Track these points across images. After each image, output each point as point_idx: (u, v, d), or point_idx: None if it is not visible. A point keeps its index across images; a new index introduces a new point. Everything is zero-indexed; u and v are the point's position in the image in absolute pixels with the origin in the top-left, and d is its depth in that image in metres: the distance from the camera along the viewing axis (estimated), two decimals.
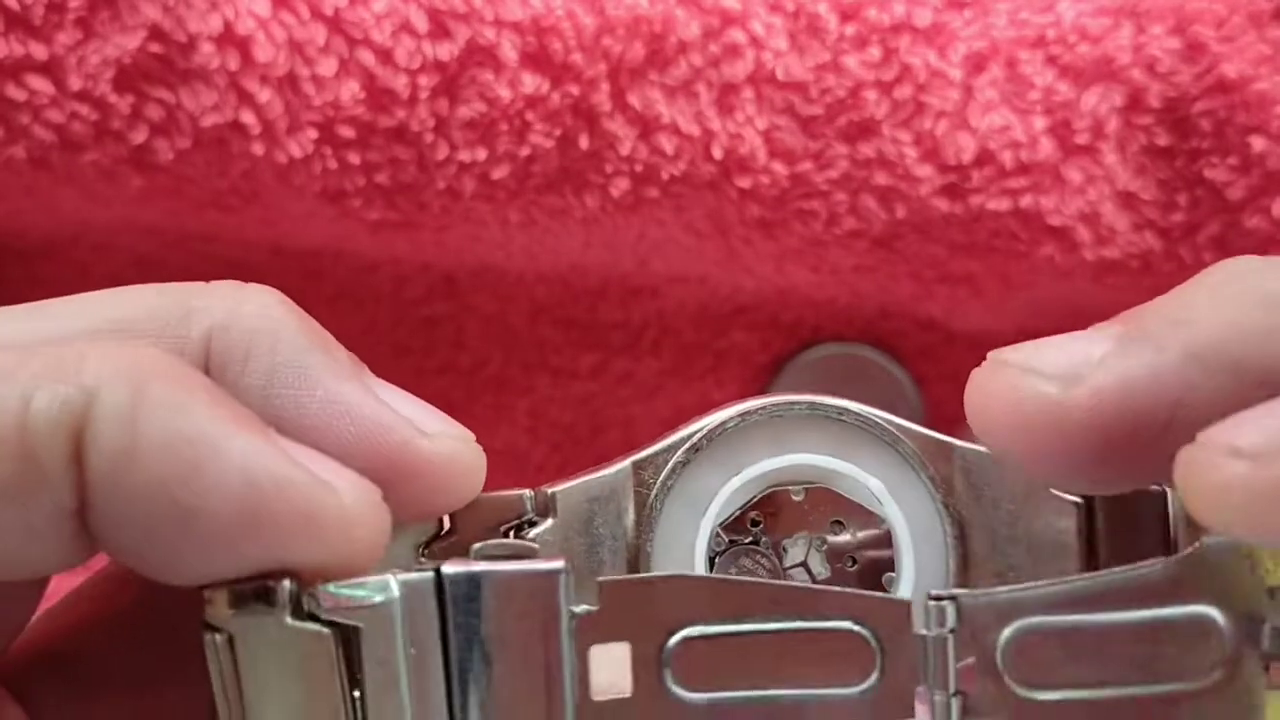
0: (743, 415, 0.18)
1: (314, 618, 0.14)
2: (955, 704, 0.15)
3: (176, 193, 0.36)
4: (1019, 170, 0.35)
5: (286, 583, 0.14)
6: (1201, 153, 0.35)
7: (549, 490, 0.18)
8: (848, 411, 0.18)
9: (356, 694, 0.14)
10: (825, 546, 0.18)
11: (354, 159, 0.34)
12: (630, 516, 0.18)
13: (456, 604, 0.14)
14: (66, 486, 0.14)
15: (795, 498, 0.18)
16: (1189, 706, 0.15)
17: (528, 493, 0.18)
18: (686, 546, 0.18)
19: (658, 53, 0.34)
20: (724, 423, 0.18)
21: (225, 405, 0.15)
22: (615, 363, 0.44)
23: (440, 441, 0.17)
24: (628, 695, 0.15)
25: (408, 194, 0.36)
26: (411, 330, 0.43)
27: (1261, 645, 0.15)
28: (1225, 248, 0.36)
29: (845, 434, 0.18)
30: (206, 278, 0.42)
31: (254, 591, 0.14)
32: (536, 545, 0.15)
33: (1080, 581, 0.15)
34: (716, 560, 0.18)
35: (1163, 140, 0.35)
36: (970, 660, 0.15)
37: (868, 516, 0.18)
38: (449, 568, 0.14)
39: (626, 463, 0.18)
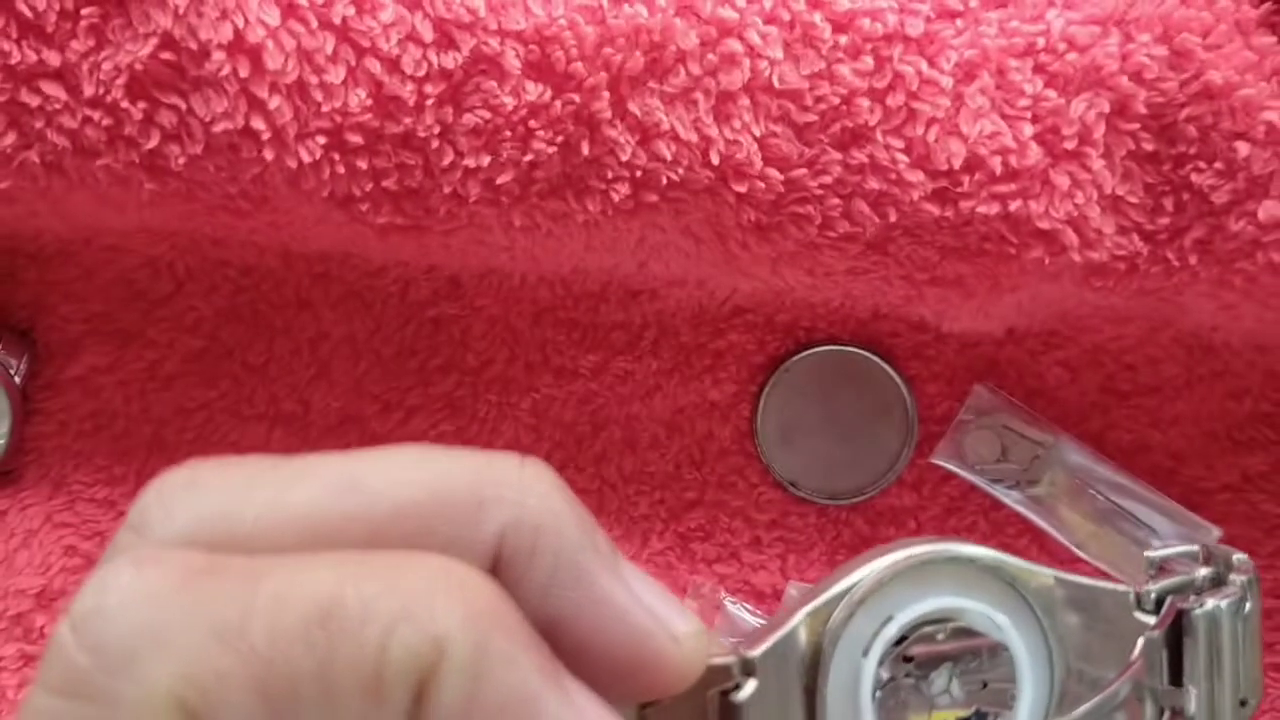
0: (894, 567, 0.21)
1: None
2: None
3: (188, 197, 0.37)
4: (1008, 175, 0.35)
5: None
6: (1187, 158, 0.36)
7: (750, 655, 0.20)
8: (978, 558, 0.21)
9: None
10: (963, 674, 0.21)
11: (362, 164, 0.35)
12: (805, 661, 0.20)
13: None
14: (400, 718, 0.15)
15: (939, 636, 0.21)
16: None
17: (734, 660, 0.20)
18: (852, 686, 0.21)
19: (657, 61, 0.34)
20: (880, 577, 0.20)
21: (546, 660, 0.16)
22: (616, 363, 0.45)
23: (687, 645, 0.18)
24: None
25: (414, 199, 0.36)
26: (418, 331, 0.44)
27: None
28: (1211, 251, 0.37)
29: (975, 575, 0.21)
30: (217, 281, 0.43)
31: None
32: None
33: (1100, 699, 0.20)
34: (878, 694, 0.21)
35: (1149, 146, 0.36)
36: None
37: (995, 646, 0.21)
38: None
39: (801, 616, 0.20)
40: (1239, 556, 0.23)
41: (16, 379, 0.43)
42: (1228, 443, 0.44)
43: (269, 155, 0.34)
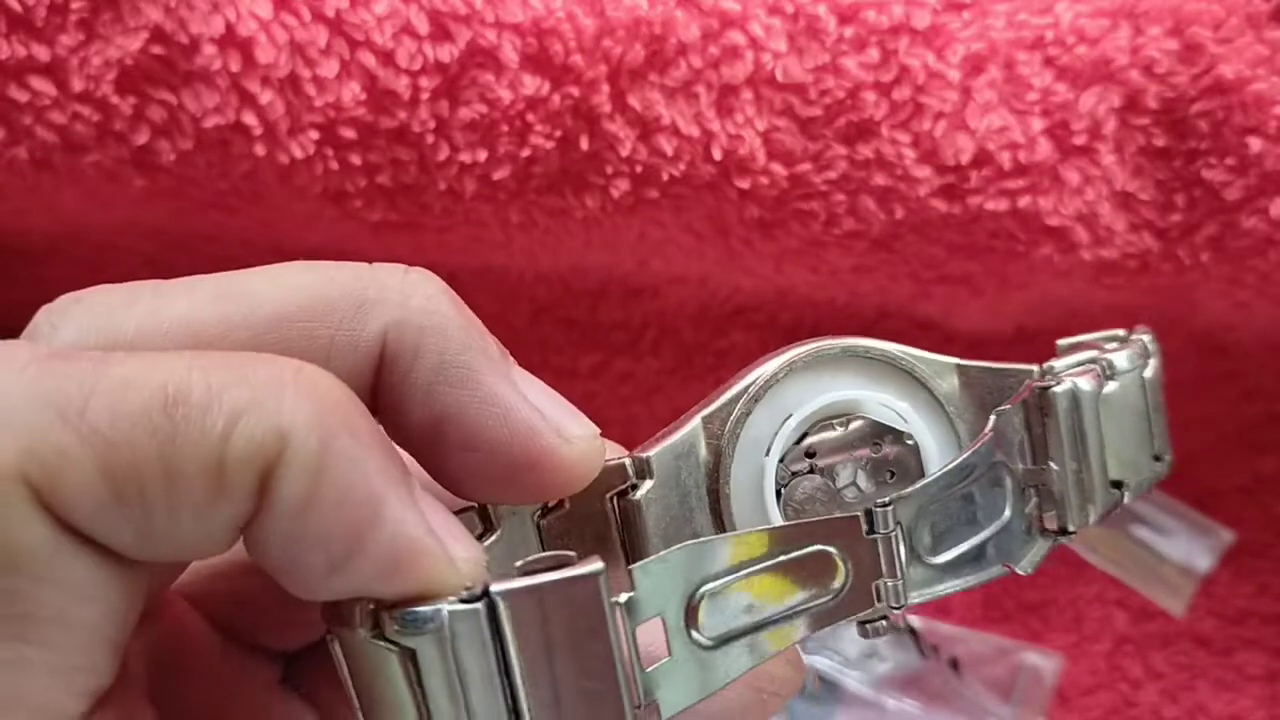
0: (789, 364, 0.21)
1: (384, 637, 0.16)
2: (902, 584, 0.19)
3: (179, 193, 0.36)
4: (1017, 171, 0.35)
5: (365, 604, 0.16)
6: (1199, 153, 0.35)
7: (644, 455, 0.20)
8: (872, 349, 0.21)
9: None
10: (868, 464, 0.21)
11: (355, 160, 0.34)
12: (707, 464, 0.21)
13: (510, 620, 0.16)
14: (244, 510, 0.15)
15: (839, 429, 0.21)
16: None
17: (628, 460, 0.20)
18: (756, 485, 0.21)
19: (658, 54, 0.34)
20: (775, 373, 0.21)
21: (391, 463, 0.16)
22: (616, 362, 0.44)
23: (578, 445, 0.18)
24: (667, 658, 0.17)
25: (409, 195, 0.36)
26: None
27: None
28: (1223, 248, 0.36)
29: (872, 368, 0.21)
30: None
31: (344, 611, 0.16)
32: (572, 554, 0.17)
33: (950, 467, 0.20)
34: (783, 491, 0.21)
35: (1160, 141, 0.35)
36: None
37: (897, 434, 0.21)
38: (497, 586, 0.16)
39: (697, 419, 0.21)
40: (1137, 336, 0.23)
41: None
42: (1240, 444, 0.44)
43: (260, 151, 0.34)
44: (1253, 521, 0.44)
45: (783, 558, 0.18)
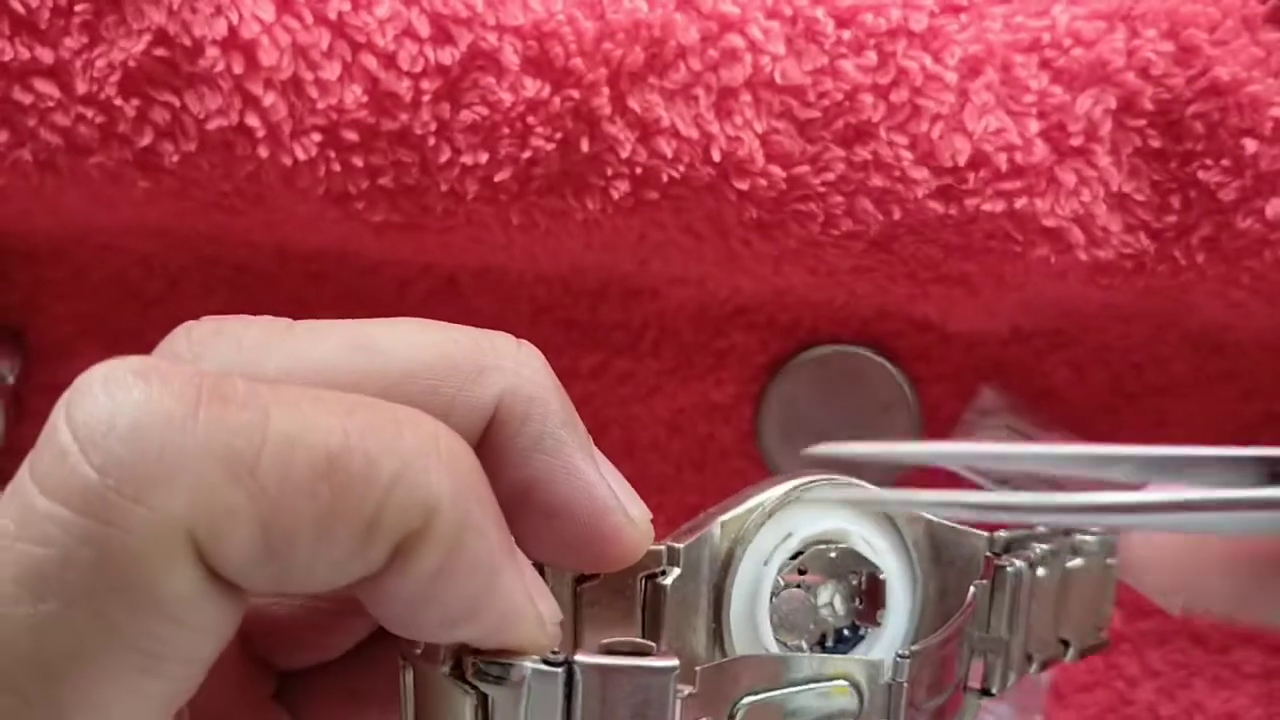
0: (799, 488, 0.24)
1: (464, 679, 0.17)
2: None
3: (182, 195, 0.36)
4: (1014, 172, 0.35)
5: (452, 645, 0.18)
6: (1195, 155, 0.35)
7: (677, 546, 0.23)
8: (868, 494, 0.24)
9: None
10: (846, 590, 0.24)
11: (358, 162, 0.35)
12: (715, 564, 0.23)
13: (582, 690, 0.17)
14: (376, 567, 0.16)
15: (830, 554, 0.24)
16: None
17: (664, 549, 0.22)
18: (754, 589, 0.23)
19: (657, 57, 0.34)
20: (786, 496, 0.23)
21: (506, 535, 0.18)
22: (616, 363, 0.44)
23: (639, 526, 0.20)
24: None
25: (411, 196, 0.36)
26: None
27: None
28: (1218, 249, 0.36)
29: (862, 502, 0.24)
30: (212, 280, 0.43)
31: (429, 648, 0.18)
32: (653, 645, 0.18)
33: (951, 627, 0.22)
34: (774, 599, 0.24)
35: (1156, 142, 0.35)
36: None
37: (871, 567, 0.24)
38: (581, 658, 0.17)
39: (717, 523, 0.23)
40: (1084, 539, 0.26)
41: (9, 380, 0.43)
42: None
43: (263, 152, 0.34)
44: None
45: (816, 685, 0.20)
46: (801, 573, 0.24)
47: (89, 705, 0.15)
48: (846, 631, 0.24)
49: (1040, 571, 0.24)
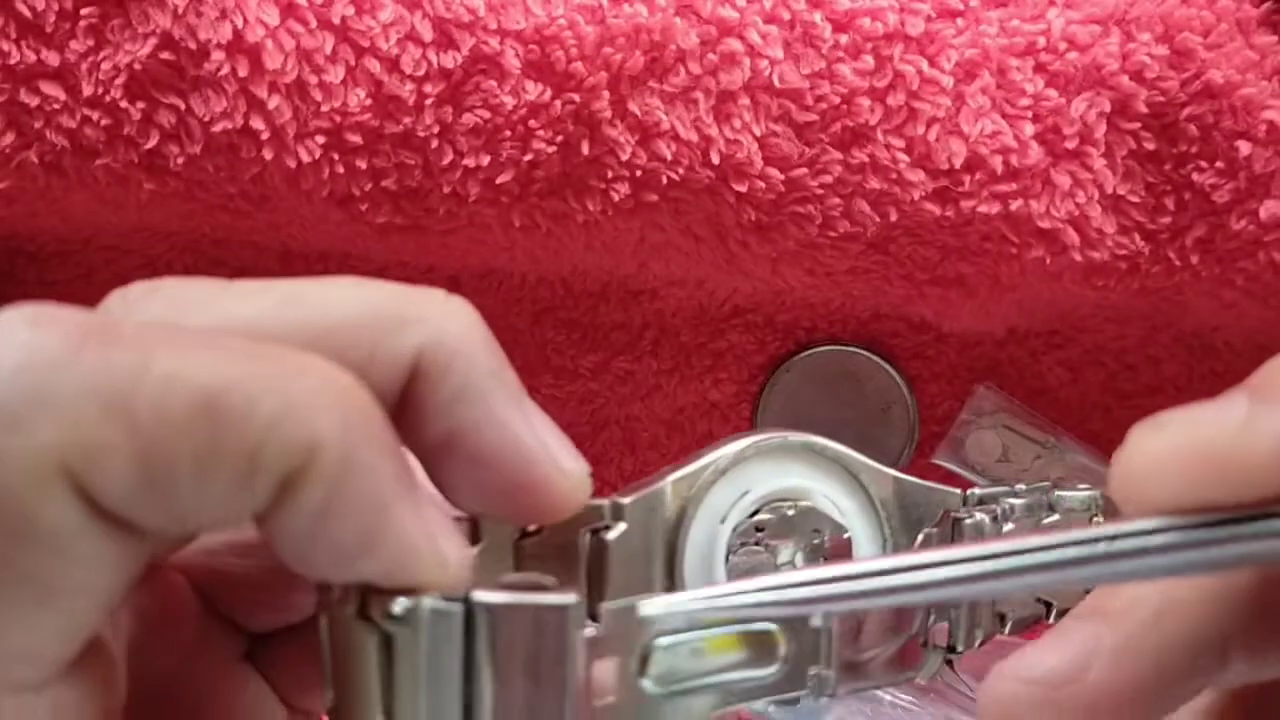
0: (755, 446, 0.23)
1: (368, 618, 0.17)
2: (832, 675, 0.21)
3: (187, 197, 0.37)
4: (1009, 175, 0.35)
5: (357, 586, 0.18)
6: (1189, 157, 0.36)
7: (622, 501, 0.22)
8: (828, 448, 0.23)
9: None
10: (808, 549, 0.24)
11: (361, 164, 0.35)
12: (669, 521, 0.23)
13: (482, 627, 0.17)
14: (264, 505, 0.17)
15: (789, 512, 0.23)
16: None
17: (607, 503, 0.22)
18: (709, 548, 0.23)
19: (657, 61, 0.34)
20: (741, 451, 0.23)
21: (404, 473, 0.18)
22: (616, 363, 0.45)
23: (570, 479, 0.20)
24: (614, 698, 0.19)
25: (414, 198, 0.36)
26: None
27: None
28: (1212, 250, 0.37)
29: (825, 465, 0.24)
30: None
31: (335, 589, 0.18)
32: (553, 580, 0.18)
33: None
34: (730, 557, 0.23)
35: (1150, 145, 0.36)
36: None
37: (836, 526, 0.24)
38: (478, 596, 0.17)
39: (668, 480, 0.23)
40: (1065, 494, 0.25)
41: None
42: None
43: (268, 155, 0.34)
44: None
45: (734, 628, 0.20)
46: (759, 530, 0.23)
47: None
48: None
49: (1007, 527, 0.23)
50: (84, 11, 0.34)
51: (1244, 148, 0.35)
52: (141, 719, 0.20)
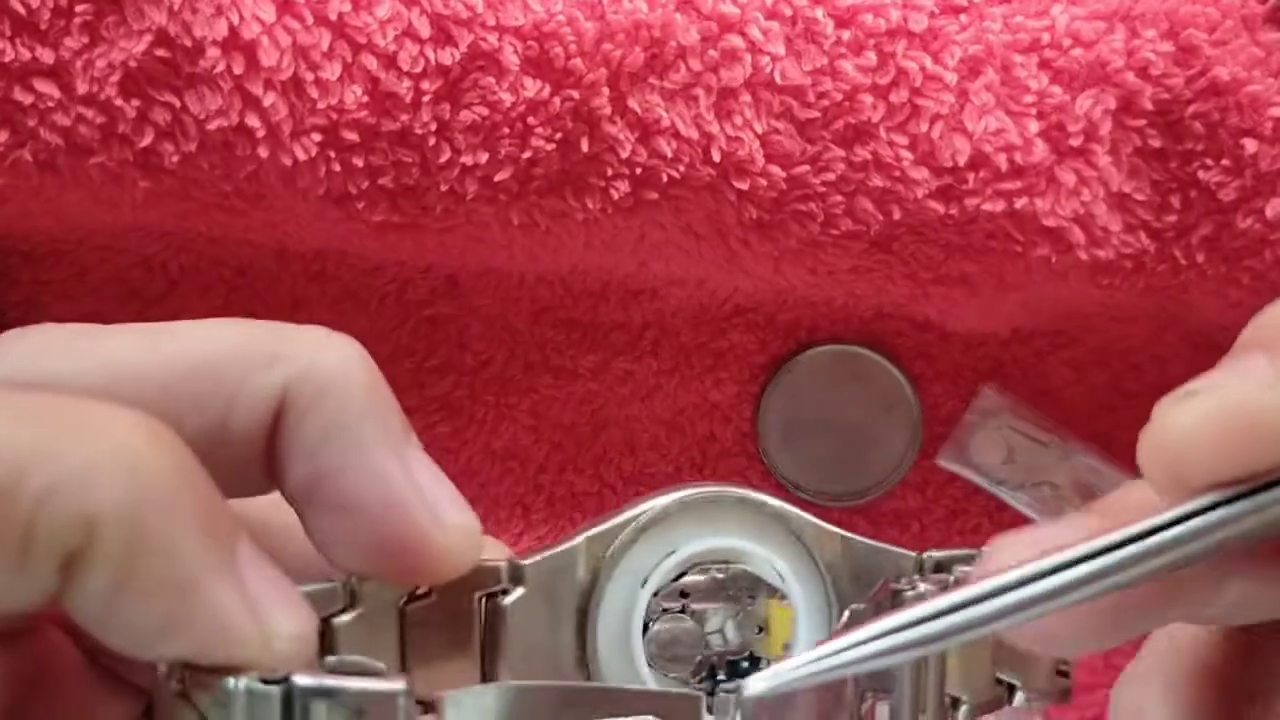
0: (682, 501, 0.21)
1: (187, 697, 0.16)
2: None
3: (182, 196, 0.36)
4: (1014, 173, 0.35)
5: (176, 668, 0.17)
6: (1194, 154, 0.36)
7: (521, 562, 0.20)
8: (766, 505, 0.21)
9: None
10: (740, 616, 0.22)
11: (358, 162, 0.35)
12: (583, 584, 0.21)
13: (301, 713, 0.16)
14: (51, 587, 0.15)
15: (718, 575, 0.21)
16: None
17: (504, 564, 0.20)
18: (626, 614, 0.21)
19: (657, 57, 0.34)
20: (666, 508, 0.21)
21: (213, 541, 0.16)
22: (615, 363, 0.44)
23: (451, 535, 0.18)
24: None
25: (411, 196, 0.36)
26: (415, 331, 0.43)
27: None
28: (1218, 248, 0.36)
29: (762, 523, 0.21)
30: (212, 281, 0.43)
31: (161, 666, 0.17)
32: (383, 666, 0.17)
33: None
34: (650, 625, 0.21)
35: (1156, 142, 0.36)
36: None
37: (774, 590, 0.21)
38: (300, 679, 0.16)
39: (581, 538, 0.21)
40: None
41: None
42: None
43: (264, 153, 0.34)
44: None
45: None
46: (685, 595, 0.21)
47: None
48: (745, 663, 0.22)
49: (928, 595, 0.21)
50: (79, 9, 0.33)
51: (1250, 145, 0.35)
52: None
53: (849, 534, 0.22)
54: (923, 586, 0.20)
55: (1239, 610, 0.19)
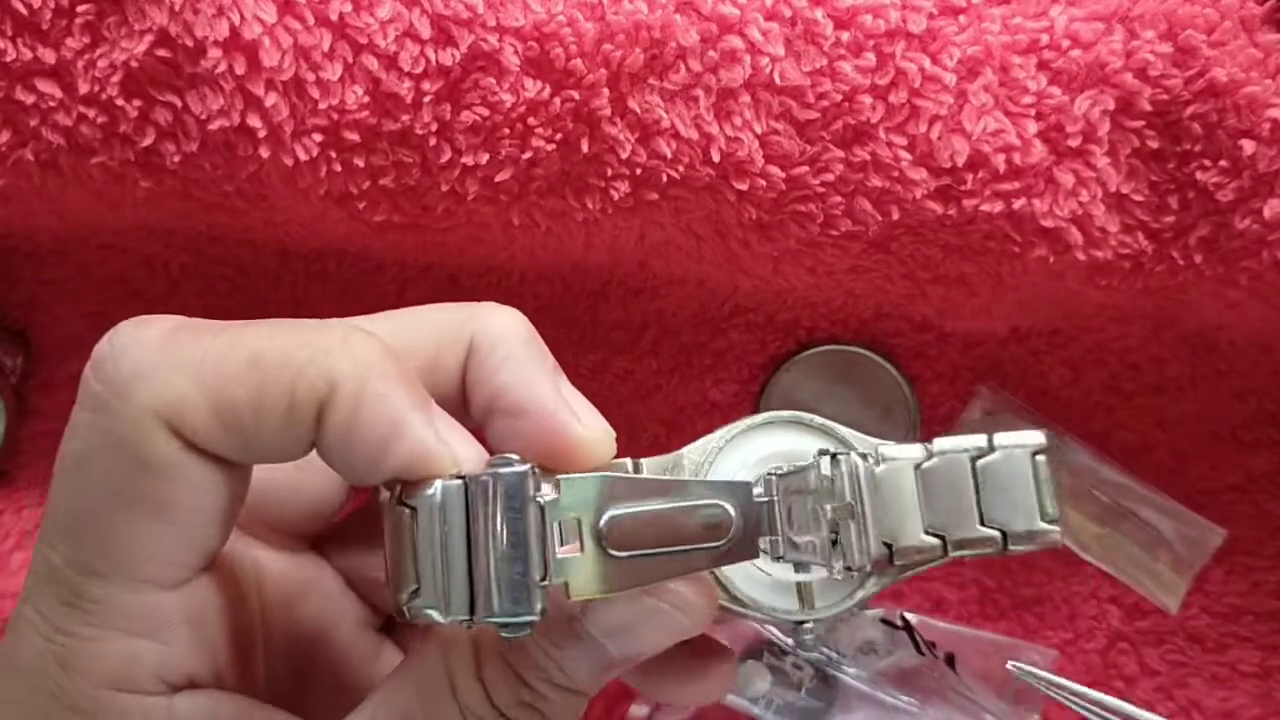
0: (749, 424, 0.27)
1: (403, 503, 0.23)
2: (781, 540, 0.25)
3: (184, 195, 0.36)
4: (1012, 173, 0.35)
5: (396, 482, 0.23)
6: (1192, 155, 0.35)
7: (640, 461, 0.26)
8: (815, 420, 0.27)
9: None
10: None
11: (359, 162, 0.35)
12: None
13: (472, 495, 0.22)
14: (308, 432, 0.23)
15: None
16: None
17: (629, 462, 0.26)
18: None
19: (657, 58, 0.34)
20: (749, 425, 0.27)
21: (414, 395, 0.23)
22: (615, 362, 0.44)
23: (590, 431, 0.25)
24: (579, 554, 0.23)
25: (412, 196, 0.36)
26: None
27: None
28: (1216, 249, 0.36)
29: (813, 434, 0.27)
30: (213, 280, 0.43)
31: (384, 484, 0.23)
32: (516, 456, 0.23)
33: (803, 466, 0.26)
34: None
35: (1154, 143, 0.35)
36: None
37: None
38: (470, 471, 0.23)
39: (684, 450, 0.27)
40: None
41: (12, 379, 0.43)
42: (1232, 443, 0.44)
43: (265, 153, 0.34)
44: (1245, 519, 0.44)
45: (686, 503, 0.24)
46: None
47: (123, 541, 0.23)
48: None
49: (860, 465, 0.25)
50: (80, 9, 0.34)
51: (1248, 146, 0.35)
52: (290, 671, 0.27)
53: (872, 440, 0.26)
54: (854, 458, 0.24)
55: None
